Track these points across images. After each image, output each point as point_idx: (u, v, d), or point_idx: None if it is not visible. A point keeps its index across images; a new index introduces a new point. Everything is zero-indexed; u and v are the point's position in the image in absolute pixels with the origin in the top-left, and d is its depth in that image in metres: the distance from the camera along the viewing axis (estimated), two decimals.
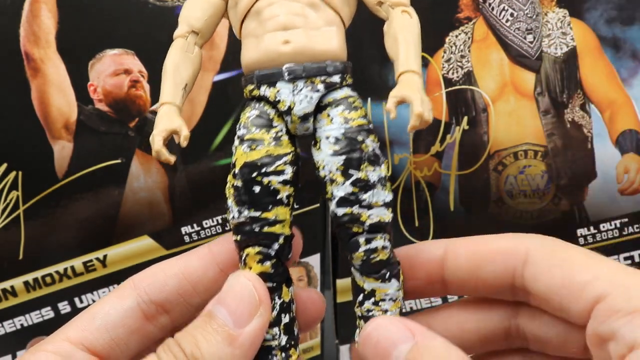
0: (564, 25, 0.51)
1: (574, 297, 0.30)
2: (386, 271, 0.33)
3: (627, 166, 0.53)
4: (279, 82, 0.33)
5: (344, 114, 0.33)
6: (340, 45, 0.34)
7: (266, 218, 0.33)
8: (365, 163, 0.32)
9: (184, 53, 0.35)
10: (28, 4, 0.48)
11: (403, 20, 0.34)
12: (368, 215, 0.32)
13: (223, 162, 0.51)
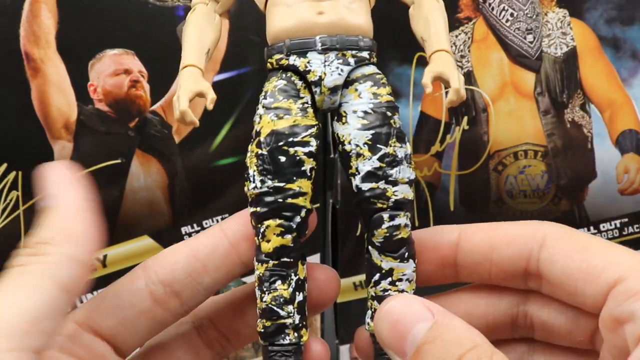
0: (564, 25, 0.51)
1: (591, 281, 0.30)
2: (405, 250, 0.33)
3: (627, 166, 0.53)
4: (311, 52, 0.32)
5: (373, 89, 0.33)
6: (369, 22, 0.34)
7: (290, 188, 0.32)
8: (394, 139, 0.32)
9: (206, 17, 0.35)
10: (28, 4, 0.48)
11: (432, 3, 0.34)
12: (393, 191, 0.32)
13: (223, 162, 0.51)
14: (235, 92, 0.50)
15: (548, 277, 0.32)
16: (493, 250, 0.33)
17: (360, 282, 0.54)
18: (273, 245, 0.32)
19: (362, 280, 0.54)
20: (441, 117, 0.52)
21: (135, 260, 0.51)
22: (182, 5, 0.49)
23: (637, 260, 0.30)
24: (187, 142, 0.50)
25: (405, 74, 0.51)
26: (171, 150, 0.50)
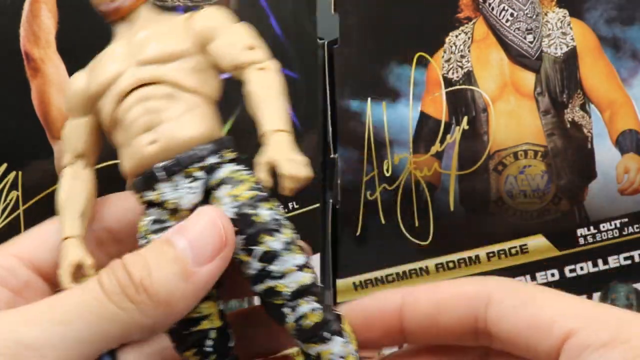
0: (564, 25, 0.51)
1: (542, 336, 0.29)
2: (323, 332, 0.32)
3: (627, 166, 0.53)
4: (158, 184, 0.31)
5: (231, 192, 0.31)
6: (208, 126, 0.33)
7: (190, 318, 0.32)
8: (262, 235, 0.31)
9: (73, 181, 0.34)
10: (28, 4, 0.47)
11: (259, 78, 0.33)
12: (284, 284, 0.31)
13: None
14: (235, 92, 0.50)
15: (498, 335, 0.31)
16: (439, 313, 0.32)
17: (361, 282, 0.54)
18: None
19: (362, 280, 0.54)
20: (441, 117, 0.52)
21: None
22: (182, 5, 0.49)
23: (588, 310, 0.29)
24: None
25: (405, 74, 0.51)
26: None
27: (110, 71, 0.33)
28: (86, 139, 0.34)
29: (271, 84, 0.33)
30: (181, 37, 0.33)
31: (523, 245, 0.54)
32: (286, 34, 0.50)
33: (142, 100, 0.32)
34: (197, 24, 0.33)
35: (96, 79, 0.33)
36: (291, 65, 0.50)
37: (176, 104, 0.32)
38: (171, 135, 0.31)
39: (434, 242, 0.53)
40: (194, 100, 0.32)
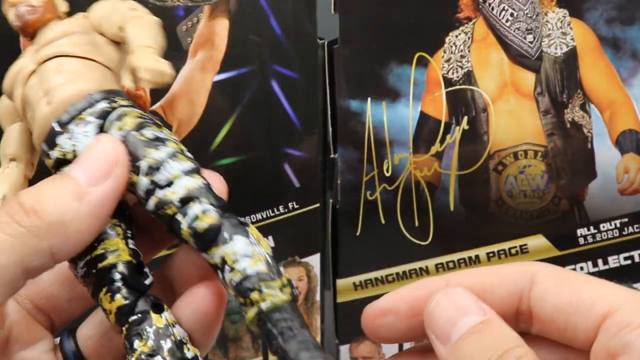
0: (564, 25, 0.51)
1: (582, 314, 0.30)
2: (222, 231, 0.31)
3: (627, 166, 0.53)
4: (57, 138, 0.32)
5: (118, 124, 0.32)
6: (100, 82, 0.33)
7: (96, 256, 0.31)
8: (146, 149, 0.31)
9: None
10: None
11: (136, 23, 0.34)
12: (172, 191, 0.31)
13: (223, 162, 0.51)
14: (235, 92, 0.50)
15: (539, 315, 0.32)
16: (485, 292, 0.33)
17: (361, 282, 0.54)
18: (112, 309, 0.31)
19: (362, 280, 0.54)
20: (441, 117, 0.52)
21: None
22: (182, 5, 0.49)
23: (627, 293, 0.30)
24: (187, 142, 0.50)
25: (405, 74, 0.51)
26: None
27: (16, 66, 0.34)
28: (14, 142, 0.35)
29: (146, 24, 0.34)
30: (76, 22, 0.35)
31: (523, 245, 0.54)
32: (286, 34, 0.50)
33: (38, 75, 0.33)
34: (91, 14, 0.35)
35: (7, 79, 0.35)
36: (291, 65, 0.50)
37: (67, 67, 0.33)
38: (62, 92, 0.32)
39: (434, 242, 0.53)
40: (85, 64, 0.33)
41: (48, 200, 0.30)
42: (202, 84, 0.50)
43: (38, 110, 0.33)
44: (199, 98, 0.50)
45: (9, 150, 0.35)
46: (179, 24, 0.49)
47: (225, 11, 0.49)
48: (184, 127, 0.50)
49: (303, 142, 0.51)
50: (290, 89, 0.50)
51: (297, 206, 0.53)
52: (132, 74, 0.33)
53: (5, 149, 0.36)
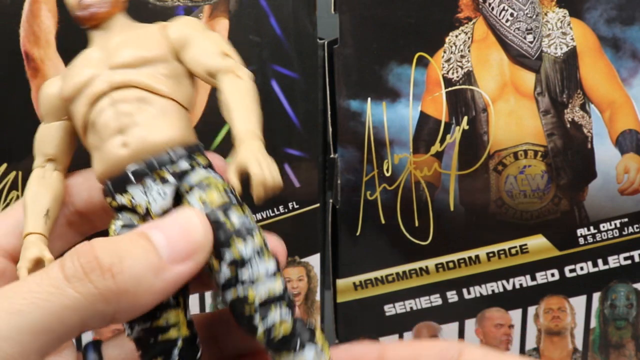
0: (564, 25, 0.51)
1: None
2: (294, 341, 0.31)
3: (627, 166, 0.53)
4: (129, 187, 0.31)
5: (202, 197, 0.31)
6: (182, 130, 0.32)
7: (157, 327, 0.31)
8: (233, 240, 0.30)
9: (39, 180, 0.34)
10: (28, 4, 0.48)
11: (233, 85, 0.32)
12: (254, 292, 0.30)
13: None
14: None
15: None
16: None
17: (361, 282, 0.54)
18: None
19: (362, 280, 0.54)
20: (441, 117, 0.52)
21: None
22: (182, 5, 0.49)
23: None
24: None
25: (405, 74, 0.51)
26: None
27: (84, 75, 0.33)
28: (57, 143, 0.34)
29: (244, 91, 0.32)
30: (156, 44, 0.33)
31: (523, 245, 0.54)
32: (286, 34, 0.50)
33: (114, 103, 0.32)
34: (172, 32, 0.33)
35: (69, 83, 0.33)
36: (291, 65, 0.50)
37: (148, 107, 0.32)
38: (142, 138, 0.31)
39: (434, 242, 0.53)
40: (166, 105, 0.32)
41: (126, 263, 0.28)
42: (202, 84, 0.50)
43: (110, 148, 0.31)
44: (199, 98, 0.50)
45: (49, 150, 0.34)
46: None
47: (225, 11, 0.49)
48: None
49: (303, 142, 0.51)
50: (290, 89, 0.50)
51: (297, 206, 0.53)
52: (240, 173, 0.31)
53: (45, 147, 0.35)
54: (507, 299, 0.55)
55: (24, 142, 0.49)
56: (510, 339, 0.56)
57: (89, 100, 0.32)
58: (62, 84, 0.34)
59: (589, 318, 0.56)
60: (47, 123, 0.34)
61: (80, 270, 0.28)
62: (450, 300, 0.55)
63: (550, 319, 0.56)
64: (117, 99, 0.32)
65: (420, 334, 0.55)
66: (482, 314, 0.55)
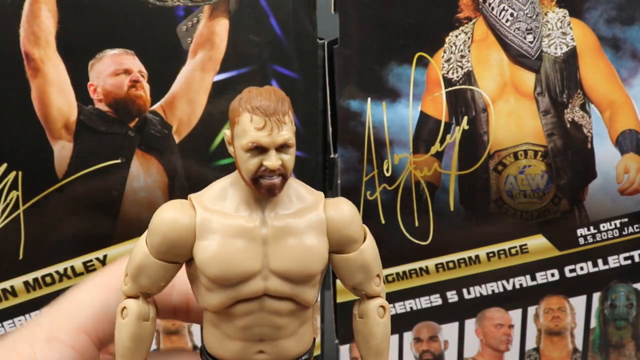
0: (564, 25, 0.51)
1: None
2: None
3: (627, 166, 0.53)
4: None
5: None
6: (311, 337, 0.33)
7: None
8: None
9: (141, 324, 0.31)
10: (28, 4, 0.48)
11: (377, 322, 0.33)
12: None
13: (223, 162, 0.51)
14: (235, 92, 0.50)
15: None
16: None
17: None
18: None
19: None
20: (441, 117, 0.52)
21: None
22: (182, 5, 0.49)
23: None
24: (187, 142, 0.50)
25: (405, 74, 0.51)
26: (171, 150, 0.50)
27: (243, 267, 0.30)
28: (164, 283, 0.32)
29: (385, 330, 0.33)
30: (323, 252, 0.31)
31: (523, 245, 0.54)
32: (286, 34, 0.50)
33: (270, 313, 0.31)
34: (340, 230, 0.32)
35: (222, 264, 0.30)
36: (291, 65, 0.50)
37: (295, 321, 0.32)
38: (282, 352, 0.31)
39: (434, 242, 0.53)
40: (308, 315, 0.32)
41: None
42: (202, 84, 0.50)
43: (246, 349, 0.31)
44: (199, 98, 0.50)
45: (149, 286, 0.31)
46: (179, 24, 0.49)
47: (225, 11, 0.49)
48: (184, 127, 0.50)
49: (303, 142, 0.51)
50: (290, 89, 0.50)
51: None
52: None
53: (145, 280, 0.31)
54: (507, 299, 0.55)
55: (24, 142, 0.49)
56: (510, 339, 0.56)
57: (239, 296, 0.30)
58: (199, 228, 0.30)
59: (589, 318, 0.56)
60: (159, 261, 0.31)
61: None
62: (450, 300, 0.55)
63: (550, 319, 0.55)
64: (270, 309, 0.31)
65: (420, 334, 0.55)
66: (482, 314, 0.55)
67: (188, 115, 0.50)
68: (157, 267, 0.31)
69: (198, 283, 0.31)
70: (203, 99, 0.50)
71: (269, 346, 0.31)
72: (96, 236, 0.51)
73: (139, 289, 0.31)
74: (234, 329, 0.31)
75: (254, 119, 0.29)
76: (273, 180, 0.29)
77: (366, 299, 0.33)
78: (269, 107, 0.29)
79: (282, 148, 0.29)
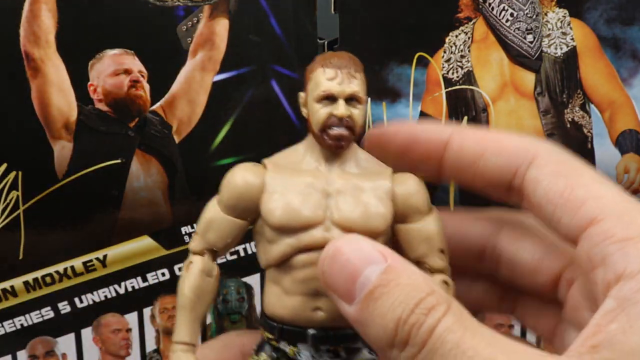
0: (564, 25, 0.51)
1: (569, 211, 0.28)
2: None
3: (627, 166, 0.53)
4: (301, 344, 0.31)
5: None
6: None
7: None
8: None
9: (204, 278, 0.32)
10: (28, 4, 0.48)
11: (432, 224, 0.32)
12: None
13: (223, 162, 0.51)
14: (235, 92, 0.50)
15: (529, 197, 0.30)
16: (482, 156, 0.32)
17: None
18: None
19: None
20: (441, 117, 0.52)
21: (135, 260, 0.51)
22: (182, 5, 0.49)
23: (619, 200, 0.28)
24: (187, 142, 0.50)
25: (405, 74, 0.51)
26: (171, 150, 0.50)
27: (305, 214, 0.31)
28: (228, 240, 0.32)
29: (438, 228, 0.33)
30: (386, 213, 0.31)
31: None
32: (286, 34, 0.50)
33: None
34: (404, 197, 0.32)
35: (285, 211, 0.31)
36: (291, 65, 0.50)
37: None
38: (337, 313, 0.30)
39: None
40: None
41: None
42: (202, 84, 0.50)
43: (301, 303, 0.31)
44: (199, 98, 0.50)
45: (218, 242, 0.32)
46: (179, 24, 0.49)
47: (225, 11, 0.49)
48: (184, 127, 0.50)
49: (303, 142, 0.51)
50: (290, 89, 0.50)
51: None
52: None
53: (213, 237, 0.32)
54: None
55: (24, 142, 0.49)
56: None
57: (300, 245, 0.31)
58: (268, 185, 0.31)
59: None
60: (228, 216, 0.32)
61: None
62: None
63: None
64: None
65: None
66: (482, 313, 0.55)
67: (188, 115, 0.50)
68: (226, 222, 0.32)
69: (262, 240, 0.32)
70: (203, 99, 0.50)
71: (326, 304, 0.31)
72: (96, 236, 0.51)
73: (206, 244, 0.32)
74: (292, 282, 0.31)
75: (326, 71, 0.31)
76: (341, 130, 0.31)
77: (430, 274, 0.33)
78: (341, 61, 0.31)
79: (351, 101, 0.31)
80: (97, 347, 0.53)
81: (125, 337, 0.53)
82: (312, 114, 0.31)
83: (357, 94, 0.31)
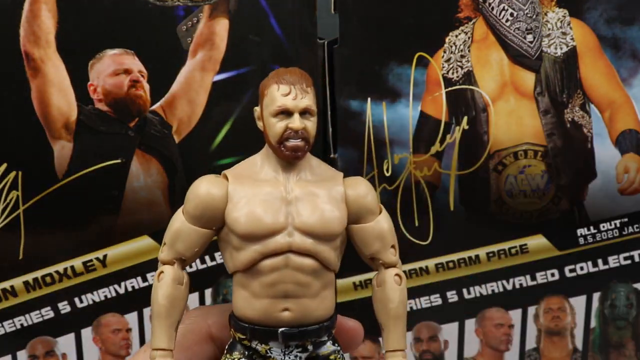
0: (564, 25, 0.51)
1: None
2: None
3: (627, 166, 0.53)
4: (272, 342, 0.34)
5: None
6: (333, 303, 0.35)
7: None
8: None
9: (176, 286, 0.34)
10: (28, 4, 0.48)
11: (394, 288, 0.35)
12: None
13: (223, 162, 0.51)
14: (235, 92, 0.50)
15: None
16: None
17: (360, 282, 0.54)
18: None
19: (362, 280, 0.54)
20: (441, 117, 0.52)
21: (135, 260, 0.51)
22: (182, 5, 0.49)
23: None
24: (187, 142, 0.50)
25: (405, 74, 0.51)
26: (171, 150, 0.50)
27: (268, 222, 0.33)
28: (195, 249, 0.35)
29: (402, 298, 0.35)
30: (342, 216, 0.34)
31: (523, 245, 0.54)
32: (286, 34, 0.50)
33: (294, 269, 0.33)
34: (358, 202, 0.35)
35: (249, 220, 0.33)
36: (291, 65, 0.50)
37: (318, 282, 0.34)
38: (307, 311, 0.34)
39: (434, 242, 0.53)
40: (330, 279, 0.35)
41: None
42: (202, 84, 0.50)
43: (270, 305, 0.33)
44: (199, 98, 0.50)
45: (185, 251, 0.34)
46: (179, 24, 0.49)
47: (225, 11, 0.49)
48: (184, 127, 0.50)
49: None
50: None
51: None
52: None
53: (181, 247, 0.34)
54: (507, 299, 0.55)
55: (24, 142, 0.49)
56: (510, 339, 0.56)
57: (266, 251, 0.33)
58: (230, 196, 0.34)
59: (589, 318, 0.56)
60: (194, 226, 0.34)
61: None
62: (450, 300, 0.55)
63: (550, 319, 0.56)
64: (296, 265, 0.33)
65: (420, 334, 0.55)
66: (482, 314, 0.55)
67: (188, 115, 0.50)
68: (193, 233, 0.34)
69: (229, 247, 0.34)
70: (203, 99, 0.50)
71: (293, 304, 0.33)
72: (96, 236, 0.51)
73: (175, 254, 0.35)
74: (260, 286, 0.33)
75: (280, 87, 0.34)
76: (297, 142, 0.34)
77: (383, 269, 0.36)
78: (294, 78, 0.34)
79: (304, 114, 0.34)
80: (97, 347, 0.53)
81: (125, 337, 0.53)
82: (268, 127, 0.34)
83: (310, 108, 0.34)
